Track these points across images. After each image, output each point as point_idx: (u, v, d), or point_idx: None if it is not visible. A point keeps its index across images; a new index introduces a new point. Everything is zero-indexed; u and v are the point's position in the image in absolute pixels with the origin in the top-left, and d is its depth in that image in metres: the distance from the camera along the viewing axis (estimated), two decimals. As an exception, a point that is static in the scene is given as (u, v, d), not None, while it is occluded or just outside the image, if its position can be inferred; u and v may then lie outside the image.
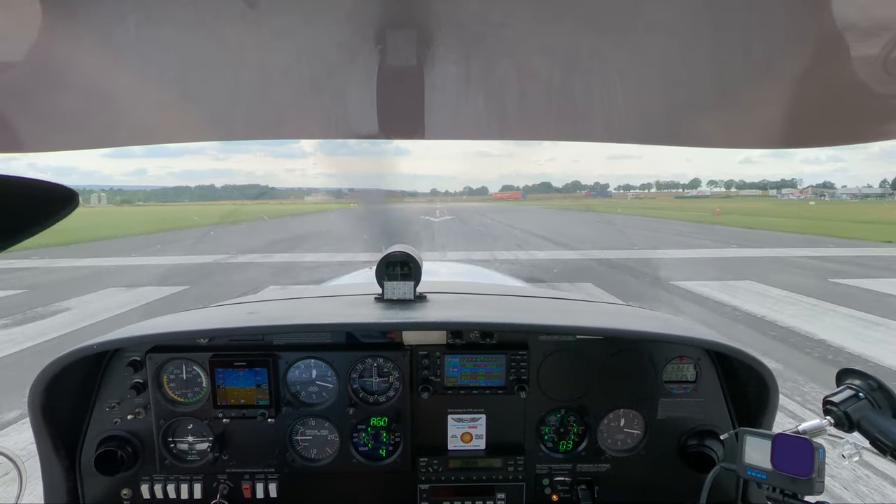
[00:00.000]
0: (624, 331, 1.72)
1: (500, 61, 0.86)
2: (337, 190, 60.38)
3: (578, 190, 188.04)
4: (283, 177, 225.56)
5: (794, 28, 0.74)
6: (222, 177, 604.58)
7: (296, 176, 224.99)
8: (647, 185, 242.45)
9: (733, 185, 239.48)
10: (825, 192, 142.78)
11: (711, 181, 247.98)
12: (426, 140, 1.21)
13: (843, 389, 1.27)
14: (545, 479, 1.77)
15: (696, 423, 1.74)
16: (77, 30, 0.73)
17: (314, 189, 68.77)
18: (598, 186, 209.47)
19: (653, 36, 0.77)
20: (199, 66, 0.88)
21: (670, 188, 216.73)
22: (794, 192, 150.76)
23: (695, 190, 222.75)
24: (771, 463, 1.19)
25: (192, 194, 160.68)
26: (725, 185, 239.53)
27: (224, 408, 1.65)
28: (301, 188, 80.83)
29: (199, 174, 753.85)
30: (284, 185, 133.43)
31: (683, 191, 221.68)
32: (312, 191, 64.67)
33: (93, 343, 1.56)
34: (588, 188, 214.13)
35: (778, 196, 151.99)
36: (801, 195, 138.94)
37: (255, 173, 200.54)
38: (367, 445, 1.74)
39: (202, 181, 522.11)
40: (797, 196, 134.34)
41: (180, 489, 1.69)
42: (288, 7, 0.68)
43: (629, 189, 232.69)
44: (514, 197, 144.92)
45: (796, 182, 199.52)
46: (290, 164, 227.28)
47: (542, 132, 1.22)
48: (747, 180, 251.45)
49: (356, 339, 1.75)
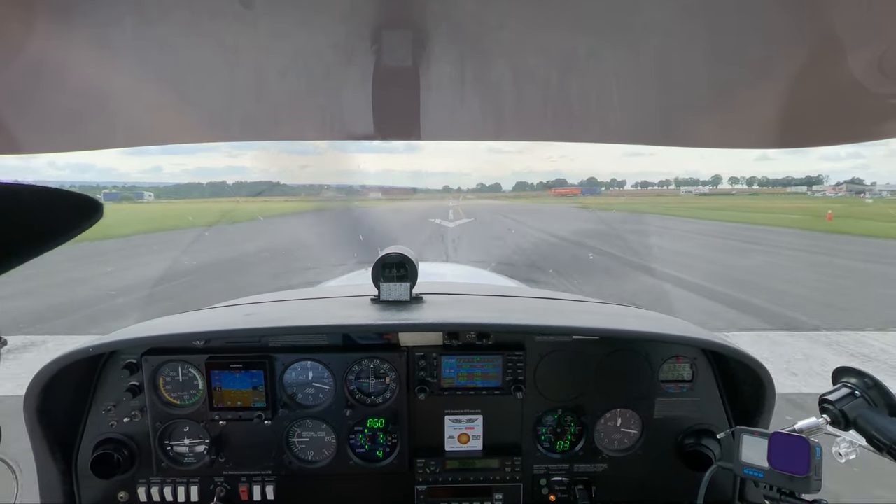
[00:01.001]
0: (620, 331, 1.72)
1: (495, 62, 0.86)
2: (348, 187, 58.67)
3: (594, 187, 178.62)
4: (296, 173, 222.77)
5: (790, 29, 0.74)
6: (236, 174, 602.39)
7: (308, 173, 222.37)
8: (666, 181, 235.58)
9: (755, 182, 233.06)
10: (864, 189, 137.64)
11: (733, 178, 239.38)
12: (423, 141, 1.21)
13: (839, 388, 1.28)
14: (542, 480, 1.77)
15: (692, 422, 1.75)
16: (74, 32, 0.73)
17: (327, 186, 67.90)
18: (590, 184, 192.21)
19: (649, 37, 0.77)
20: (195, 68, 0.87)
21: (689, 185, 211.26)
22: (828, 189, 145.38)
23: (714, 187, 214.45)
24: (768, 461, 1.19)
25: (203, 191, 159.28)
26: (748, 183, 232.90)
27: (220, 410, 1.65)
28: (313, 185, 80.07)
29: (213, 171, 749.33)
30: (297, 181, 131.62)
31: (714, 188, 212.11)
32: (324, 188, 63.87)
33: (88, 346, 1.55)
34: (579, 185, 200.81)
35: (808, 193, 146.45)
36: (835, 192, 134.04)
37: (270, 170, 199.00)
38: (363, 447, 1.74)
39: (216, 178, 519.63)
40: (833, 193, 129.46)
41: (177, 492, 1.68)
42: (284, 8, 0.68)
43: (647, 186, 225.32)
44: (572, 193, 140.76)
45: (822, 179, 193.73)
46: (304, 160, 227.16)
47: (538, 133, 1.22)
48: (770, 177, 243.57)
49: (353, 341, 1.74)
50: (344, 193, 61.49)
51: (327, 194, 58.64)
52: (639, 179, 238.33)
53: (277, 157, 41.53)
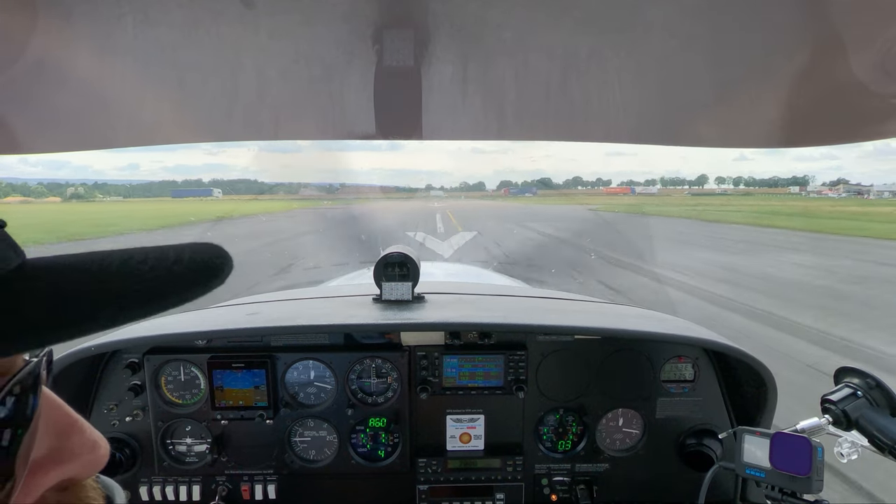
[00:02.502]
0: (622, 330, 1.72)
1: (498, 61, 0.86)
2: (328, 185, 58.14)
3: (580, 186, 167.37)
4: (276, 172, 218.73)
5: (792, 27, 0.74)
6: (215, 171, 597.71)
7: (289, 171, 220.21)
8: (652, 181, 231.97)
9: (742, 182, 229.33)
10: (865, 189, 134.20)
11: (719, 178, 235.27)
12: (423, 140, 1.21)
13: (841, 388, 1.28)
14: (544, 479, 1.77)
15: (694, 422, 1.75)
16: (73, 30, 0.72)
17: (307, 184, 67.43)
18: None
19: (651, 36, 0.77)
20: (195, 67, 0.87)
21: (676, 185, 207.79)
22: (827, 190, 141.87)
23: (701, 186, 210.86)
24: (769, 462, 1.19)
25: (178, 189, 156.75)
26: (734, 183, 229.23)
27: (222, 409, 1.65)
28: (292, 183, 79.24)
29: (191, 169, 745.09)
30: (276, 179, 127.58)
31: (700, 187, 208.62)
32: (303, 186, 63.16)
33: (90, 345, 1.55)
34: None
35: (802, 194, 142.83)
36: (835, 193, 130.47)
37: (250, 168, 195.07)
38: (365, 446, 1.74)
39: (193, 176, 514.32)
40: (833, 194, 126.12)
41: (179, 491, 1.68)
42: (285, 7, 0.68)
43: (633, 184, 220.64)
44: (624, 192, 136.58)
45: (808, 179, 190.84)
46: (284, 159, 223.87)
47: (541, 132, 1.22)
48: (757, 177, 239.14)
49: (354, 340, 1.74)
50: (325, 192, 60.80)
51: (305, 192, 57.77)
52: (624, 179, 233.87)
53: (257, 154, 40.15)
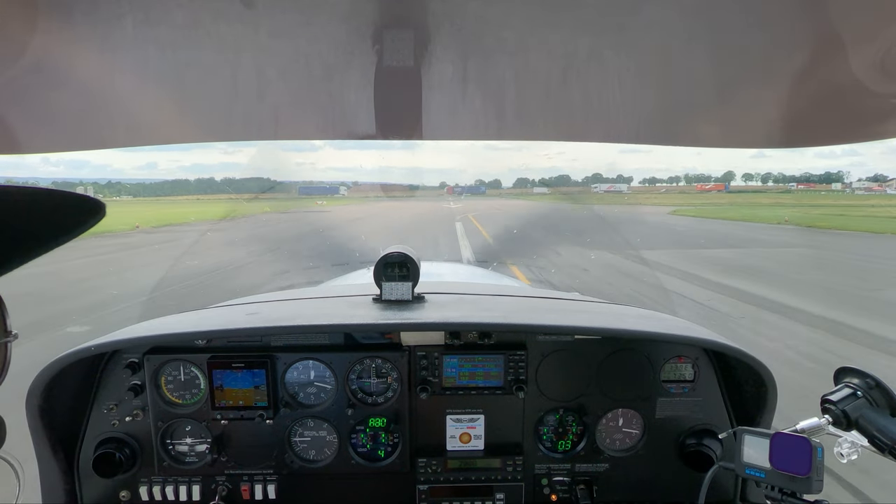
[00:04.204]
0: (622, 330, 1.72)
1: (497, 62, 0.86)
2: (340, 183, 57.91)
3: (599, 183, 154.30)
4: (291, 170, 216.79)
5: (792, 28, 0.74)
6: (230, 170, 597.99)
7: (305, 169, 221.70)
8: (675, 178, 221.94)
9: (770, 178, 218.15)
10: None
11: (746, 174, 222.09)
12: (424, 140, 1.21)
13: (841, 388, 1.28)
14: (544, 479, 1.77)
15: (694, 422, 1.74)
16: (73, 30, 0.72)
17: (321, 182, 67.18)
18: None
19: (651, 37, 0.77)
20: (196, 67, 0.87)
21: (700, 182, 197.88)
22: (874, 187, 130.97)
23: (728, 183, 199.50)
24: (769, 462, 1.19)
25: (191, 188, 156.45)
26: (762, 180, 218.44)
27: (222, 409, 1.65)
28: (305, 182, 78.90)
29: (207, 168, 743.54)
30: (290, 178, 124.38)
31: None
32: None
33: (90, 345, 1.55)
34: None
35: (846, 191, 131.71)
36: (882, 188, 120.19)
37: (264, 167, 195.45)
38: (365, 446, 1.74)
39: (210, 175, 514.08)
40: (877, 189, 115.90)
41: (179, 491, 1.68)
42: (285, 7, 0.68)
43: (655, 183, 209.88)
44: (717, 189, 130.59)
45: (842, 175, 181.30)
46: (300, 157, 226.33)
47: (540, 132, 1.22)
48: (786, 174, 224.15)
49: (354, 340, 1.74)
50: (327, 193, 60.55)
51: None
52: (646, 176, 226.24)
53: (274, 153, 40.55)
